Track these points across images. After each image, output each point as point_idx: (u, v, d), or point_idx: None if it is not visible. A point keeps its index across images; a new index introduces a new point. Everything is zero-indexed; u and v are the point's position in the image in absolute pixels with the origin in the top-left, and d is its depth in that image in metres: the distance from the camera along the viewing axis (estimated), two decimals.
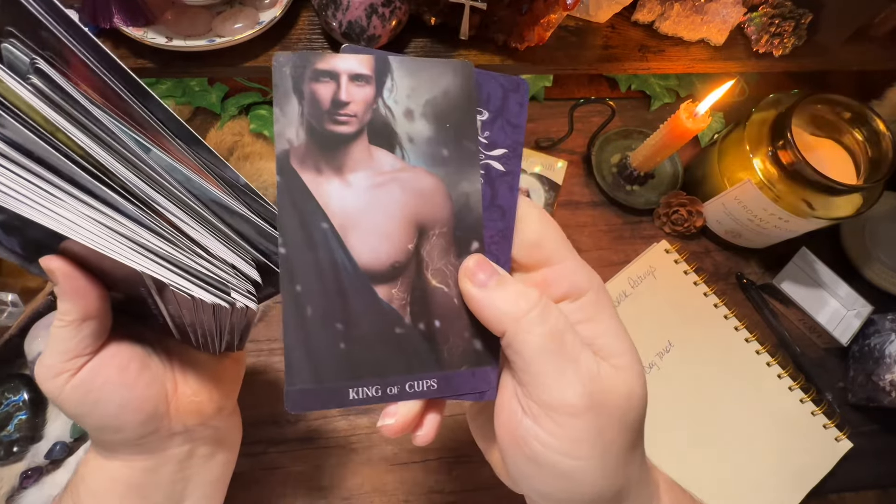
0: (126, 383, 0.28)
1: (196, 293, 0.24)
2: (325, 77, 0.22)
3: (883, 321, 0.55)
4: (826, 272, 0.58)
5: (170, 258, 0.25)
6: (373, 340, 0.23)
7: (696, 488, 0.48)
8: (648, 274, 0.57)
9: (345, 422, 0.51)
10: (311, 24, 0.55)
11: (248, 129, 0.61)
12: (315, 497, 0.48)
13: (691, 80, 0.70)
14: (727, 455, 0.50)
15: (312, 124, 0.22)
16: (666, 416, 0.51)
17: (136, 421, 0.29)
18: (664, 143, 0.55)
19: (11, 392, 0.48)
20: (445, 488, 0.49)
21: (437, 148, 0.23)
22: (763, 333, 0.58)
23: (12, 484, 0.46)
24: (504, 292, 0.22)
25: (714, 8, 0.56)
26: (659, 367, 0.53)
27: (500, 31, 0.53)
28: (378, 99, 0.23)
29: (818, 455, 0.51)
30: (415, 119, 0.23)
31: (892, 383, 0.50)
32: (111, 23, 0.48)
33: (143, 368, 0.29)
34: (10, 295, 0.46)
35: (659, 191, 0.63)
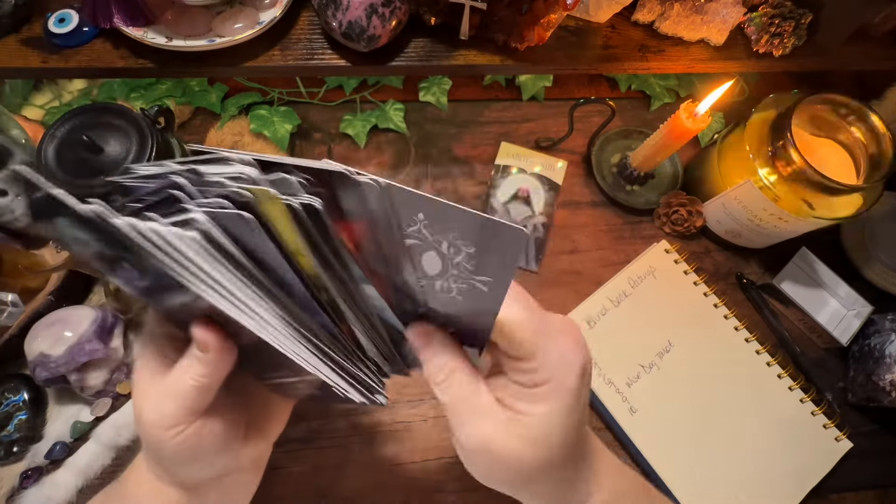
0: (225, 441, 0.30)
1: (352, 395, 0.29)
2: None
3: (883, 321, 0.55)
4: (826, 272, 0.58)
5: (339, 362, 0.28)
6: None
7: (696, 488, 0.48)
8: (648, 274, 0.57)
9: (345, 422, 0.51)
10: (311, 24, 0.55)
11: (248, 129, 0.61)
12: (315, 497, 0.48)
13: (691, 80, 0.70)
14: (727, 455, 0.50)
15: None
16: (666, 416, 0.51)
17: (219, 466, 0.31)
18: (664, 143, 0.55)
19: (11, 392, 0.48)
20: (445, 488, 0.49)
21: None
22: (763, 333, 0.58)
23: (12, 484, 0.46)
24: (428, 365, 0.29)
25: (714, 8, 0.56)
26: (659, 367, 0.53)
27: (500, 31, 0.53)
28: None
29: (818, 455, 0.51)
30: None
31: (892, 383, 0.50)
32: (111, 23, 0.48)
33: (236, 424, 0.31)
34: (11, 295, 0.46)
35: (659, 191, 0.63)
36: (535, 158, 0.64)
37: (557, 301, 0.57)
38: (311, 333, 0.27)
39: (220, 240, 0.23)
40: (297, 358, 0.26)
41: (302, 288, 0.25)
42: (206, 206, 0.22)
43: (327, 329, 0.27)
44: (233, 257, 0.23)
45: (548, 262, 0.59)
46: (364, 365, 0.30)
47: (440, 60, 0.54)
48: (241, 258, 0.24)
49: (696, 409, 0.52)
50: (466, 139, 0.65)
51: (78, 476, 0.46)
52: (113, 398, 0.49)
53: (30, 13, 0.52)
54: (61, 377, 0.46)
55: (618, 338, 0.54)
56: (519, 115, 0.67)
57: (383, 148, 0.64)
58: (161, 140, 0.45)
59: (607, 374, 0.52)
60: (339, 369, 0.28)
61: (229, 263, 0.23)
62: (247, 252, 0.24)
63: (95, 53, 0.51)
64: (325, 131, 0.64)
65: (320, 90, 0.65)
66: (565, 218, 0.62)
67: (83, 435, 0.48)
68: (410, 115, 0.66)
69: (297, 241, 0.23)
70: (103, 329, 0.48)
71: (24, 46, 0.51)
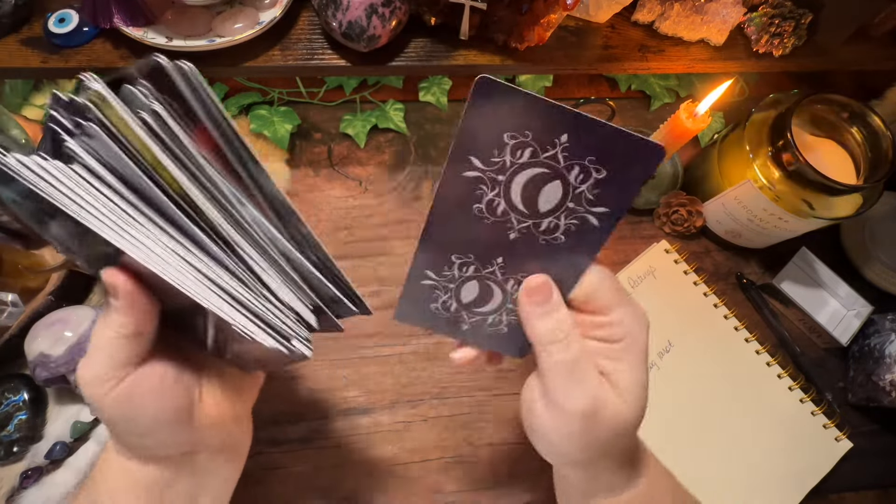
0: (163, 394, 0.29)
1: (259, 337, 0.26)
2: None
3: (883, 321, 0.55)
4: (826, 272, 0.58)
5: (240, 299, 0.27)
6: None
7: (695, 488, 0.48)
8: (648, 274, 0.57)
9: (345, 422, 0.51)
10: (311, 24, 0.55)
11: (249, 129, 0.61)
12: (315, 497, 0.48)
13: (691, 80, 0.70)
14: (727, 455, 0.50)
15: None
16: (665, 416, 0.51)
17: (166, 429, 0.30)
18: (664, 143, 0.55)
19: (11, 392, 0.48)
20: (445, 488, 0.49)
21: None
22: (763, 333, 0.58)
23: (12, 484, 0.46)
24: (546, 320, 0.28)
25: (714, 8, 0.56)
26: (659, 367, 0.53)
27: (500, 31, 0.53)
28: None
29: (818, 455, 0.51)
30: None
31: (892, 383, 0.50)
32: (111, 23, 0.48)
33: (178, 379, 0.30)
34: (10, 295, 0.46)
35: (659, 191, 0.63)
36: None
37: None
38: (203, 265, 0.26)
39: (96, 169, 0.24)
40: (194, 293, 0.25)
41: (170, 205, 0.25)
42: (82, 137, 0.24)
43: (218, 260, 0.26)
44: (110, 185, 0.24)
45: None
46: (276, 308, 0.28)
47: (440, 60, 0.54)
48: (116, 184, 0.25)
49: (696, 408, 0.52)
50: None
51: (78, 476, 0.46)
52: None
53: (30, 13, 0.52)
54: (61, 377, 0.46)
55: None
56: None
57: (383, 148, 0.64)
58: None
59: None
60: (241, 306, 0.27)
61: (108, 191, 0.24)
62: (122, 179, 0.25)
63: (95, 53, 0.51)
64: (325, 131, 0.64)
65: (320, 90, 0.65)
66: None
67: (83, 435, 0.48)
68: (410, 114, 0.66)
69: (151, 152, 0.24)
70: None
71: (23, 46, 0.51)
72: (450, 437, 0.51)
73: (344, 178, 0.62)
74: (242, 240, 0.27)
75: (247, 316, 0.26)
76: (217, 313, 0.25)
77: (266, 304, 0.28)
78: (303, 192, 0.61)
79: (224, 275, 0.26)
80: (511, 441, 0.51)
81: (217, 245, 0.26)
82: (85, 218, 0.23)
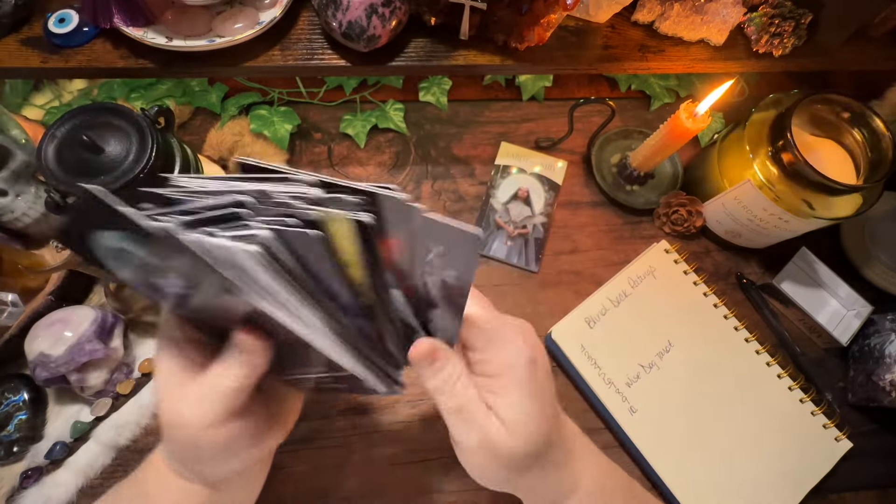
0: (256, 444, 0.32)
1: (378, 387, 0.33)
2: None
3: (883, 321, 0.55)
4: (826, 272, 0.58)
5: (369, 358, 0.32)
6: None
7: (695, 487, 0.48)
8: (648, 274, 0.57)
9: (345, 422, 0.51)
10: (312, 24, 0.55)
11: (249, 129, 0.61)
12: (315, 497, 0.48)
13: (691, 80, 0.70)
14: (727, 455, 0.50)
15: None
16: (665, 416, 0.51)
17: (246, 467, 0.33)
18: (664, 143, 0.55)
19: (11, 392, 0.48)
20: (445, 488, 0.49)
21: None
22: (763, 333, 0.58)
23: (12, 484, 0.46)
24: (434, 378, 0.31)
25: (714, 8, 0.56)
26: (659, 367, 0.53)
27: (500, 31, 0.53)
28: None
29: (818, 455, 0.51)
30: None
31: (891, 383, 0.50)
32: (111, 23, 0.48)
33: (267, 427, 0.33)
34: (11, 295, 0.46)
35: (659, 191, 0.63)
36: (534, 158, 0.64)
37: (557, 301, 0.57)
38: (349, 333, 0.29)
39: (280, 254, 0.24)
40: (338, 356, 0.29)
41: (350, 295, 0.28)
42: (271, 222, 0.24)
43: (362, 330, 0.30)
44: (290, 270, 0.25)
45: (548, 262, 0.59)
46: (385, 358, 0.33)
47: (440, 60, 0.54)
48: (297, 270, 0.25)
49: (696, 409, 0.52)
50: (466, 139, 0.65)
51: (78, 476, 0.46)
52: (113, 398, 0.49)
53: (30, 13, 0.52)
54: (61, 377, 0.46)
55: (617, 338, 0.54)
56: (519, 115, 0.67)
57: (383, 148, 0.64)
58: (161, 140, 0.45)
59: (607, 375, 0.52)
60: (370, 364, 0.31)
61: (286, 275, 0.25)
62: (302, 264, 0.26)
63: (95, 53, 0.51)
64: (326, 131, 0.64)
65: (320, 90, 0.65)
66: (565, 218, 0.62)
67: (83, 435, 0.48)
68: (410, 115, 0.66)
69: (353, 254, 0.26)
70: (103, 329, 0.48)
71: (24, 46, 0.51)
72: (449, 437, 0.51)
73: (344, 179, 0.62)
74: (383, 314, 0.30)
75: (371, 370, 0.32)
76: (354, 371, 0.30)
77: (381, 357, 0.32)
78: None
79: (361, 342, 0.31)
80: None
81: (366, 319, 0.30)
82: (254, 297, 0.25)
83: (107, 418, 0.48)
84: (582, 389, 0.54)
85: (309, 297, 0.27)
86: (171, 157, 0.48)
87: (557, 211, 0.62)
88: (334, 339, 0.28)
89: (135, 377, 0.50)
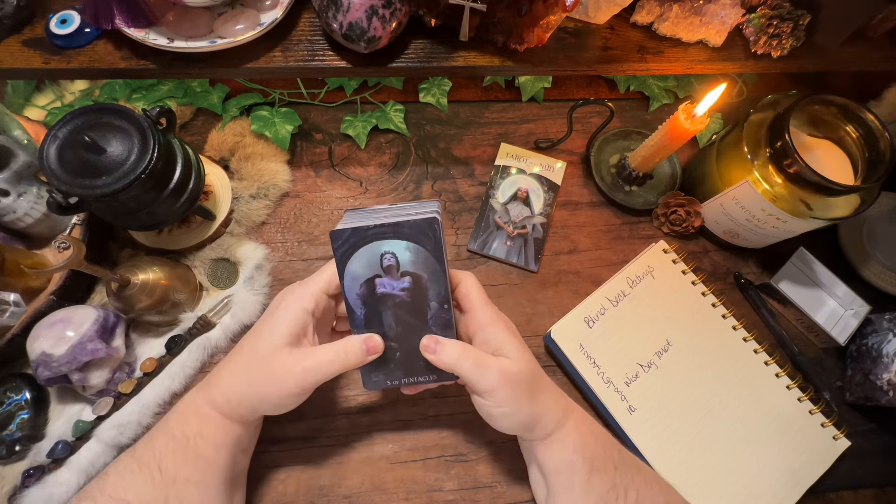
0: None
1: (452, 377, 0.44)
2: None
3: (881, 321, 0.55)
4: (824, 272, 0.58)
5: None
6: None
7: (694, 485, 0.49)
8: (647, 274, 0.57)
9: (345, 420, 0.51)
10: (312, 25, 0.55)
11: (250, 130, 0.61)
12: (316, 495, 0.48)
13: (690, 82, 0.70)
14: (725, 453, 0.51)
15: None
16: (664, 415, 0.52)
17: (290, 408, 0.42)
18: (663, 143, 0.55)
19: (14, 391, 0.48)
20: (445, 487, 0.49)
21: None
22: (761, 333, 0.58)
23: (14, 483, 0.46)
24: (443, 358, 0.41)
25: (712, 9, 0.56)
26: (657, 366, 0.53)
27: (499, 32, 0.53)
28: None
29: (816, 453, 0.51)
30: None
31: (889, 383, 0.51)
32: (112, 24, 0.49)
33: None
34: (13, 295, 0.46)
35: (657, 191, 0.63)
36: (534, 159, 0.64)
37: (556, 301, 0.57)
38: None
39: (438, 227, 0.40)
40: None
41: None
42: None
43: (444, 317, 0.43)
44: (440, 242, 0.40)
45: (547, 262, 0.60)
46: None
47: (440, 62, 0.54)
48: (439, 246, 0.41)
49: (695, 407, 0.52)
50: (466, 140, 0.66)
51: (80, 475, 0.46)
52: (115, 397, 0.49)
53: (31, 14, 0.52)
54: (63, 376, 0.46)
55: (616, 337, 0.54)
56: (518, 116, 0.67)
57: (384, 149, 0.64)
58: (163, 141, 0.45)
59: (606, 374, 0.53)
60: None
61: (441, 246, 0.40)
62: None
63: (97, 54, 0.51)
64: (326, 132, 0.64)
65: (321, 91, 0.65)
66: (564, 218, 0.62)
67: (85, 434, 0.48)
68: (411, 115, 0.66)
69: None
70: (105, 329, 0.48)
71: (25, 47, 0.51)
72: (450, 435, 0.51)
73: (345, 179, 0.62)
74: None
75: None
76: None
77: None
78: (304, 192, 0.61)
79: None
80: (511, 440, 0.51)
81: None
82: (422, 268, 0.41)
83: (108, 417, 0.48)
84: (581, 389, 0.54)
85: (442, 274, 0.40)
86: (173, 158, 0.48)
87: (557, 211, 0.62)
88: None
89: (136, 376, 0.50)
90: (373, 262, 0.40)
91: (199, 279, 0.55)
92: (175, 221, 0.51)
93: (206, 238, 0.56)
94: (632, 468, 0.44)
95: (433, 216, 0.39)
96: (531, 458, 0.45)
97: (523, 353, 0.42)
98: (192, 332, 0.52)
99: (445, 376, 0.43)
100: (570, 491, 0.41)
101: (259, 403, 0.41)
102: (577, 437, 0.42)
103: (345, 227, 0.39)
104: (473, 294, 0.43)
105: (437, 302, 0.41)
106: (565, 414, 0.43)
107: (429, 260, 0.40)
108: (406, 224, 0.39)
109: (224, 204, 0.57)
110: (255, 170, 0.60)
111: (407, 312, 0.41)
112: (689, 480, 0.49)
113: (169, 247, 0.55)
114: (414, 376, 0.43)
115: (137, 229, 0.53)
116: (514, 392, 0.40)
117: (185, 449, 0.40)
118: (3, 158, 0.49)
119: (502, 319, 0.43)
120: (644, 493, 0.42)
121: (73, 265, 0.42)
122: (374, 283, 0.40)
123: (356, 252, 0.40)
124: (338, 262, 0.40)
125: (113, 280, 0.48)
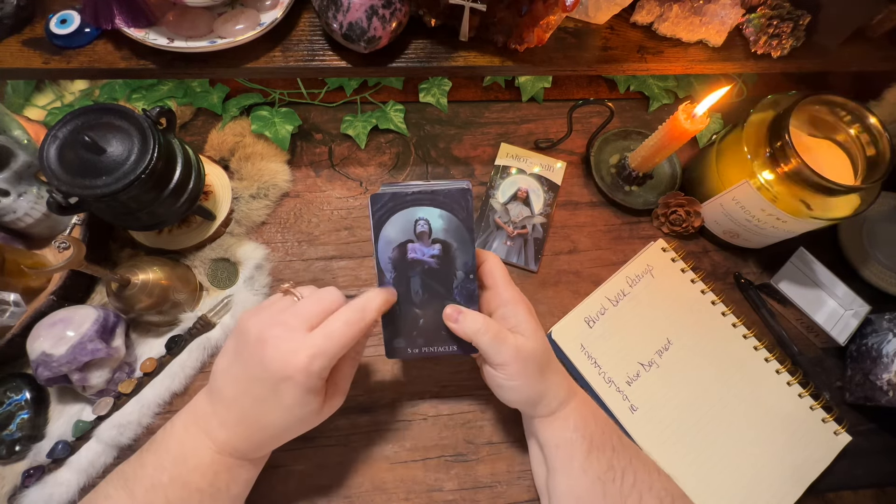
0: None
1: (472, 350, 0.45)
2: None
3: (880, 321, 0.55)
4: (824, 272, 0.58)
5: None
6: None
7: (695, 483, 0.49)
8: (646, 273, 0.57)
9: (345, 420, 0.51)
10: (312, 25, 0.55)
11: (250, 130, 0.61)
12: (316, 495, 0.48)
13: (689, 82, 0.70)
14: (726, 450, 0.51)
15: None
16: (665, 413, 0.52)
17: (306, 429, 0.42)
18: (662, 143, 0.55)
19: (14, 391, 0.48)
20: (445, 487, 0.49)
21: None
22: (761, 332, 0.58)
23: (14, 483, 0.46)
24: (464, 326, 0.42)
25: (712, 9, 0.56)
26: (658, 365, 0.53)
27: (499, 32, 0.53)
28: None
29: (817, 449, 0.51)
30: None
31: (889, 383, 0.51)
32: (112, 24, 0.49)
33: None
34: (13, 295, 0.46)
35: (657, 191, 0.63)
36: (534, 159, 0.64)
37: (556, 301, 0.57)
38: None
39: (469, 196, 0.42)
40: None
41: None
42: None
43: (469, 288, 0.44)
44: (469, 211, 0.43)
45: (547, 262, 0.60)
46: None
47: (440, 62, 0.54)
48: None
49: (696, 405, 0.52)
50: (466, 140, 0.66)
51: (80, 475, 0.46)
52: (115, 397, 0.49)
53: (31, 14, 0.52)
54: (63, 376, 0.46)
55: (617, 337, 0.54)
56: (518, 116, 0.67)
57: (384, 149, 0.64)
58: (163, 141, 0.45)
59: (607, 373, 0.53)
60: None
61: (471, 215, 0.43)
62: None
63: (97, 54, 0.51)
64: (326, 132, 0.64)
65: (321, 91, 0.65)
66: (564, 218, 0.62)
67: (85, 434, 0.48)
68: (411, 115, 0.66)
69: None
70: (105, 329, 0.48)
71: (25, 47, 0.51)
72: (450, 435, 0.51)
73: (345, 179, 0.62)
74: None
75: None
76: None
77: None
78: (304, 192, 0.61)
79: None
80: (511, 440, 0.51)
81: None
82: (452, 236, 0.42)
83: (108, 417, 0.48)
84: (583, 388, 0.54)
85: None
86: (173, 158, 0.48)
87: (556, 211, 0.62)
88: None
89: (136, 376, 0.50)
90: (407, 227, 0.41)
91: (199, 279, 0.56)
92: (175, 221, 0.51)
93: (206, 238, 0.56)
94: (630, 453, 0.45)
95: (467, 186, 0.41)
96: (532, 434, 0.47)
97: (538, 333, 0.44)
98: (192, 332, 0.52)
99: (465, 347, 0.44)
100: (568, 467, 0.43)
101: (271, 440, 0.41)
102: (579, 417, 0.44)
103: (385, 191, 0.41)
104: (497, 272, 0.45)
105: (463, 271, 0.42)
106: (569, 395, 0.45)
107: (459, 229, 0.42)
108: (441, 192, 0.41)
109: (224, 204, 0.57)
110: (255, 170, 0.60)
111: (434, 279, 0.43)
112: (692, 478, 0.49)
113: (169, 247, 0.55)
114: (434, 345, 0.44)
115: (137, 229, 0.53)
116: (526, 368, 0.42)
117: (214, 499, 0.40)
118: (3, 158, 0.49)
119: (523, 300, 0.45)
120: (642, 478, 0.43)
121: (73, 265, 0.42)
122: (405, 248, 0.42)
123: (392, 216, 0.41)
124: (374, 225, 0.42)
125: (113, 280, 0.48)
